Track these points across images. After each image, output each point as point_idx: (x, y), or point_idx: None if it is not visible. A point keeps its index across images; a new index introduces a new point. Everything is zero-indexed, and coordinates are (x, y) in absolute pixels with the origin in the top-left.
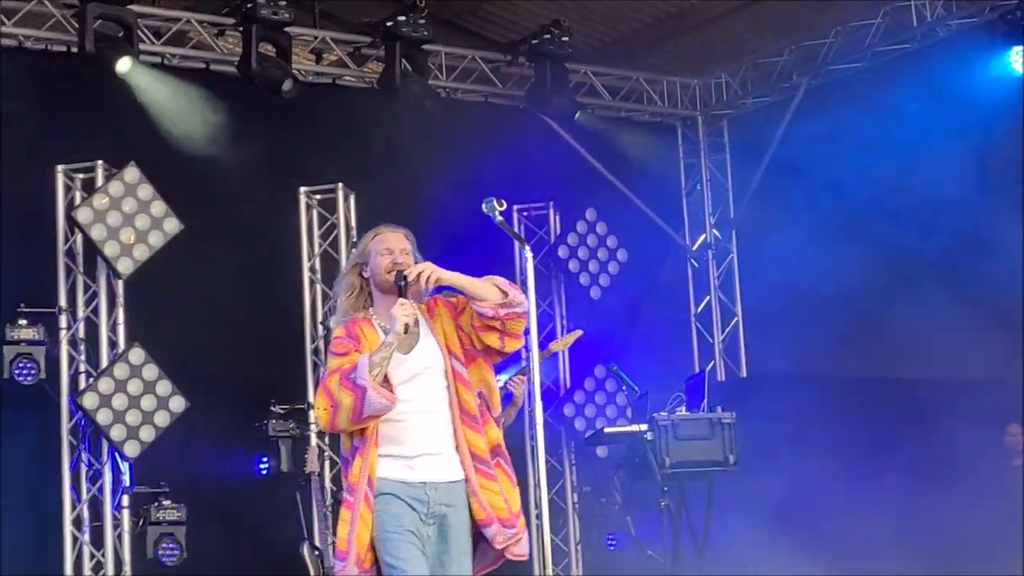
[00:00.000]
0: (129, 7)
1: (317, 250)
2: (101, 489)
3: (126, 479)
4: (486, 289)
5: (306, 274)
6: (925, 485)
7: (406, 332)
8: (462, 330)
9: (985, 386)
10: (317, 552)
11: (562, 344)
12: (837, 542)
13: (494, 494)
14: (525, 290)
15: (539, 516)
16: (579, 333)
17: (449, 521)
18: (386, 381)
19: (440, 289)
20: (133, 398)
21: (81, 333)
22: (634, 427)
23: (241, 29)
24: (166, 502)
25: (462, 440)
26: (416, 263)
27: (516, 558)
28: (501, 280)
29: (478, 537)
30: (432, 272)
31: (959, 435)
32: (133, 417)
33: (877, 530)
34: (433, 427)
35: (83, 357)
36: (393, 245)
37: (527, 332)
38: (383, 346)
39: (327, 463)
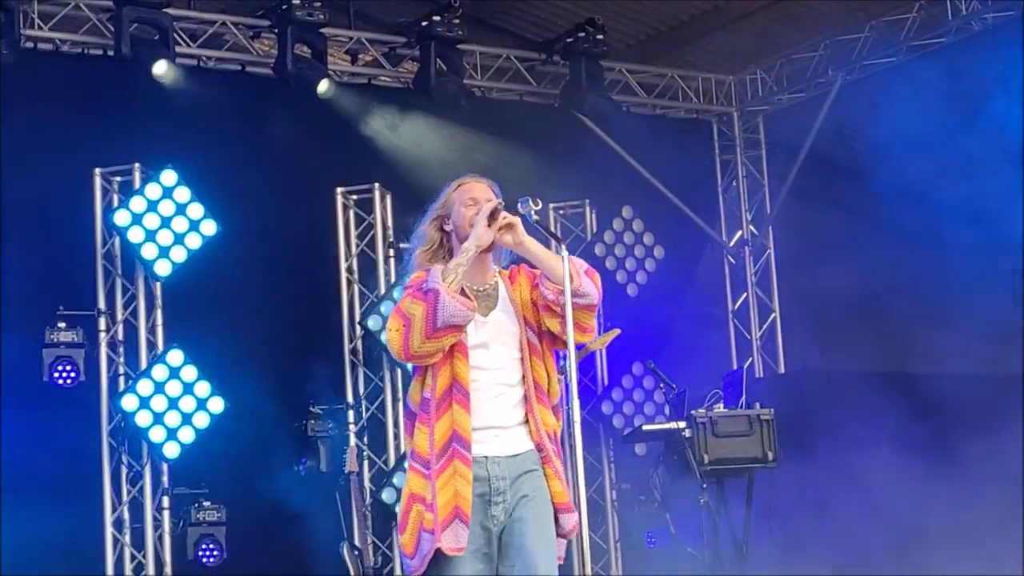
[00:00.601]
0: (165, 10)
1: (354, 250)
2: (141, 491)
3: (166, 480)
4: (559, 270)
5: (343, 274)
6: (967, 482)
7: (492, 220)
8: (534, 304)
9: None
10: (357, 552)
11: (600, 343)
12: (878, 538)
13: (552, 477)
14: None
15: (578, 514)
16: (616, 332)
17: (523, 488)
18: (463, 294)
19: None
20: (172, 399)
21: (120, 335)
22: (672, 424)
23: (276, 31)
24: (206, 503)
25: (537, 415)
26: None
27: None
28: (578, 264)
29: None
30: (517, 226)
31: (1002, 432)
32: (172, 419)
33: (918, 526)
34: (504, 399)
35: (122, 359)
36: (479, 195)
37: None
38: (460, 252)
39: (366, 463)
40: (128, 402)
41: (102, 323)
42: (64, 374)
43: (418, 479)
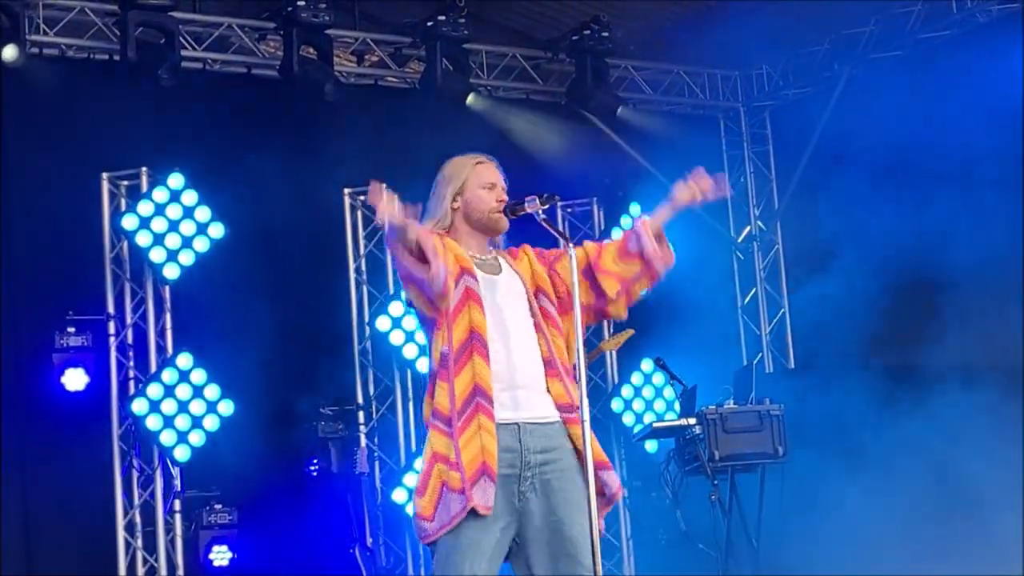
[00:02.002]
0: (170, 14)
1: (362, 251)
2: (152, 494)
3: (177, 484)
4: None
5: (352, 275)
6: (973, 478)
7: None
8: (559, 275)
9: None
10: (369, 553)
11: (613, 344)
12: (891, 534)
13: (593, 439)
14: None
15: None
16: (630, 332)
17: (553, 469)
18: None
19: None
20: (182, 403)
21: (129, 339)
22: (682, 421)
23: (282, 33)
24: (217, 506)
25: (560, 381)
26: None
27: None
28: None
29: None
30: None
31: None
32: (183, 422)
33: (928, 520)
34: (526, 358)
35: (132, 363)
36: (496, 179)
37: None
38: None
39: (377, 464)
40: (138, 406)
41: (111, 327)
42: (73, 379)
43: (441, 438)
